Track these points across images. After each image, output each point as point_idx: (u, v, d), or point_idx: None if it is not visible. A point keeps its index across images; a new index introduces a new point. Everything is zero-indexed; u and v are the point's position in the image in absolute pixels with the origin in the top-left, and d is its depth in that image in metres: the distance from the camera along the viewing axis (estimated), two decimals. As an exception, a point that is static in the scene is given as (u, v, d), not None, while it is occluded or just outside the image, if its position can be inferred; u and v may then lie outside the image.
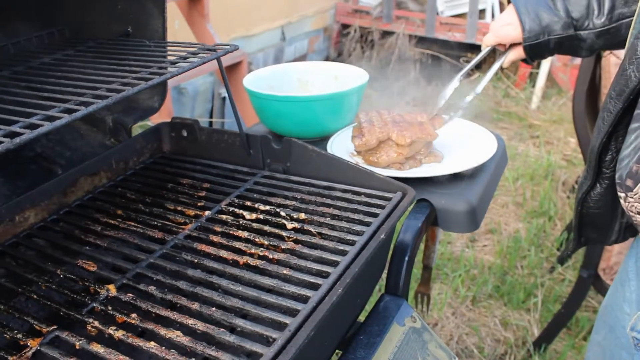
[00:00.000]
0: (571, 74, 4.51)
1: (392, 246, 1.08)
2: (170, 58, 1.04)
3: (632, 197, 0.89)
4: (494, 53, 1.45)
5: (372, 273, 0.99)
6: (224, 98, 4.22)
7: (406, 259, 1.06)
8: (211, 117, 4.25)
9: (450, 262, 2.69)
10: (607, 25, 1.16)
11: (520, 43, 1.26)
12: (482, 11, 5.10)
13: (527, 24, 1.22)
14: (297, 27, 5.28)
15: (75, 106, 0.82)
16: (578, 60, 4.28)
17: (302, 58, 5.45)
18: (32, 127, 0.76)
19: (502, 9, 5.17)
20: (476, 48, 5.13)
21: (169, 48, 1.10)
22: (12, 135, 0.73)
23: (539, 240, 2.85)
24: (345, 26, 5.62)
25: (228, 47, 1.01)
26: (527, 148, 3.82)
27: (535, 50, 1.25)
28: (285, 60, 5.20)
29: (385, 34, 5.34)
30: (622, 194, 0.92)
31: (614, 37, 1.17)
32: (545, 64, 4.74)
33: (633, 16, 1.01)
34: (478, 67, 5.29)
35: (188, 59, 1.00)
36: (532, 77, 4.79)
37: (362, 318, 1.02)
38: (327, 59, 5.74)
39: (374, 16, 5.35)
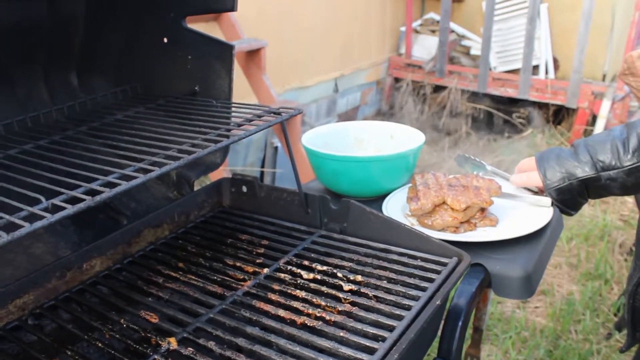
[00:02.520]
0: (628, 133, 4.43)
1: (445, 310, 1.08)
2: (236, 119, 1.09)
3: None
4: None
5: (426, 338, 0.99)
6: (276, 147, 4.30)
7: (459, 323, 1.05)
8: (263, 166, 4.33)
9: (501, 322, 2.63)
10: (637, 163, 1.18)
11: None
12: (536, 67, 5.10)
13: (547, 170, 1.28)
14: (350, 79, 5.38)
15: (148, 166, 0.87)
16: (635, 117, 4.21)
17: (355, 110, 5.54)
18: (110, 185, 0.81)
19: (556, 65, 5.17)
20: (529, 104, 5.13)
21: (234, 109, 1.15)
22: (93, 193, 0.78)
23: (595, 304, 2.77)
24: (397, 80, 5.70)
25: (292, 110, 1.06)
26: (582, 208, 3.74)
27: (563, 196, 1.28)
28: (337, 112, 5.29)
29: (438, 88, 5.39)
30: None
31: None
32: (601, 120, 4.68)
33: None
34: (531, 122, 5.23)
35: (253, 122, 1.05)
36: (587, 135, 4.72)
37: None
38: (379, 111, 5.82)
39: (427, 70, 5.41)
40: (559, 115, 5.11)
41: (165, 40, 1.32)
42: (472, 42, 5.50)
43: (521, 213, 1.30)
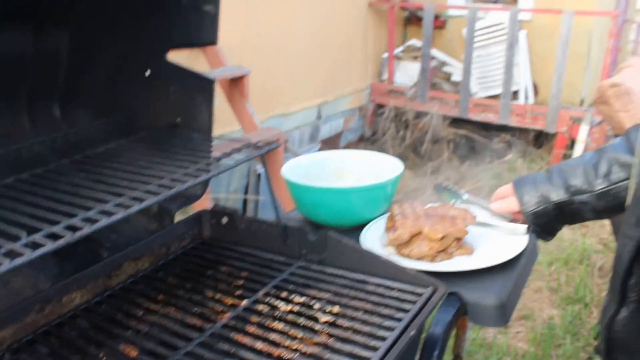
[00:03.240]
0: (606, 158, 4.51)
1: (422, 339, 1.10)
2: (216, 153, 1.12)
3: None
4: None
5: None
6: (259, 175, 4.32)
7: (436, 352, 1.07)
8: (246, 193, 4.34)
9: (483, 348, 2.65)
10: (607, 187, 1.22)
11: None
12: (516, 93, 5.19)
13: (523, 195, 1.32)
14: (333, 106, 5.44)
15: (129, 200, 0.89)
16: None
17: (338, 136, 5.59)
18: (91, 220, 0.82)
19: (535, 91, 5.26)
20: (509, 129, 5.20)
21: (215, 143, 1.18)
22: (73, 228, 0.80)
23: (575, 329, 2.80)
24: (380, 106, 5.77)
25: (273, 144, 1.08)
26: (561, 231, 3.78)
27: (539, 220, 1.32)
28: (320, 138, 5.33)
29: (420, 114, 5.46)
30: None
31: (615, 199, 1.22)
32: (580, 145, 4.77)
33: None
34: (511, 146, 5.28)
35: (232, 156, 1.07)
36: (566, 159, 4.80)
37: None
38: (361, 137, 5.87)
39: (409, 96, 5.48)
40: (539, 139, 5.20)
41: (148, 73, 1.34)
42: (453, 69, 5.59)
43: (496, 241, 1.33)
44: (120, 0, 1.30)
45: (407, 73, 5.67)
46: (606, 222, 3.78)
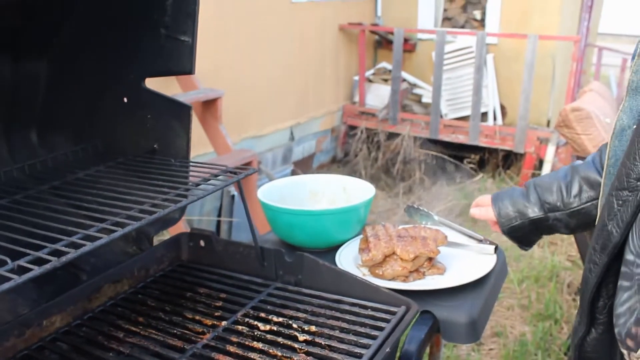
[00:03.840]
0: (572, 177, 4.64)
1: (397, 356, 1.13)
2: (194, 179, 1.14)
3: (636, 357, 0.89)
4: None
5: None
6: (232, 196, 4.34)
7: (411, 369, 1.11)
8: (220, 215, 4.35)
9: (456, 366, 2.69)
10: (578, 206, 1.28)
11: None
12: (484, 114, 5.31)
13: (501, 209, 1.36)
14: (306, 127, 5.50)
15: (111, 226, 0.91)
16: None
17: (310, 158, 5.64)
18: (75, 245, 0.85)
19: (503, 112, 5.39)
20: (479, 150, 5.31)
21: (192, 168, 1.21)
22: (57, 253, 0.82)
23: (546, 344, 2.86)
24: (352, 127, 5.85)
25: (249, 170, 1.12)
26: (532, 249, 3.87)
27: (516, 233, 1.37)
28: (293, 159, 5.37)
29: (391, 135, 5.55)
30: (624, 351, 0.92)
31: (586, 217, 1.28)
32: (547, 164, 4.89)
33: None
34: (482, 167, 5.39)
35: (210, 181, 1.10)
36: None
37: None
38: (334, 158, 5.93)
39: (380, 118, 5.57)
40: (508, 160, 5.32)
41: (126, 100, 1.37)
42: (423, 91, 5.70)
43: (467, 261, 1.38)
44: (98, 30, 1.33)
45: (378, 95, 5.76)
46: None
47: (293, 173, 4.98)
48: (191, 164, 1.23)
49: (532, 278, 3.47)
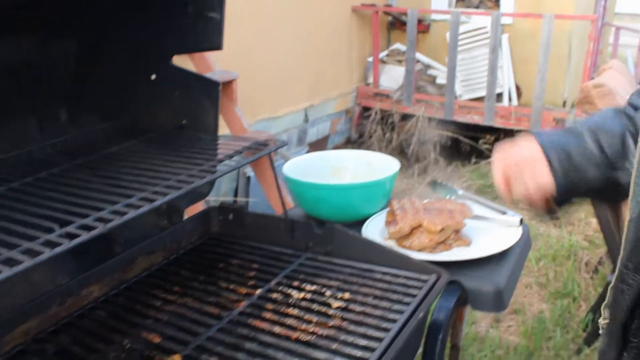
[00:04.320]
0: (589, 157, 4.62)
1: (426, 325, 1.16)
2: (225, 152, 1.16)
3: None
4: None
5: (411, 349, 1.06)
6: (248, 177, 4.37)
7: (440, 337, 1.13)
8: (236, 195, 4.38)
9: (475, 342, 2.72)
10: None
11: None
12: (499, 95, 5.29)
13: (557, 171, 0.97)
14: (320, 109, 5.50)
15: (151, 195, 0.93)
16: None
17: (324, 139, 5.65)
18: (104, 220, 0.86)
19: (518, 92, 5.37)
20: (494, 130, 5.30)
21: (224, 142, 1.23)
22: (104, 220, 0.84)
23: (564, 322, 2.88)
24: (366, 109, 5.84)
25: (279, 142, 1.14)
26: (548, 229, 3.88)
27: (563, 197, 1.00)
28: (308, 141, 5.39)
29: (405, 116, 5.54)
30: None
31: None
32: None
33: None
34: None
35: (242, 154, 1.12)
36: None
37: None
38: (348, 140, 5.93)
39: (394, 99, 5.56)
40: (523, 140, 5.29)
41: (154, 77, 1.39)
42: (438, 72, 5.68)
43: (492, 233, 1.40)
44: (127, 8, 1.35)
45: (392, 76, 5.74)
46: (592, 220, 3.89)
47: (308, 155, 4.99)
48: (222, 137, 1.25)
49: (550, 257, 3.48)
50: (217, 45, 1.32)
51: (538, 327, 2.80)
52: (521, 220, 1.42)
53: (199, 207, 3.29)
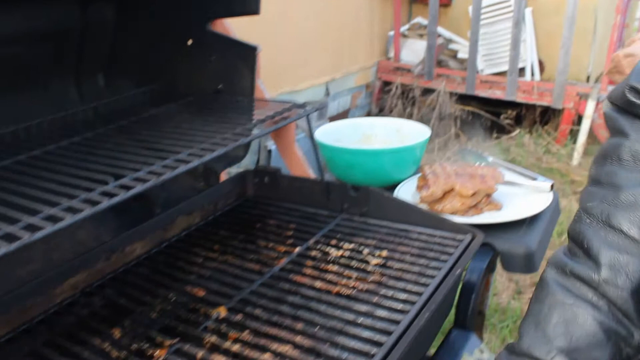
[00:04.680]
0: (612, 132, 4.59)
1: (459, 287, 1.18)
2: (260, 116, 1.18)
3: None
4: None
5: (447, 304, 1.09)
6: (269, 151, 4.40)
7: (473, 296, 1.16)
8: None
9: (497, 313, 2.75)
10: None
11: None
12: (522, 69, 5.24)
13: None
14: (341, 83, 5.49)
15: (187, 157, 0.95)
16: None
17: (345, 113, 5.65)
18: (156, 173, 0.89)
19: (541, 67, 5.32)
20: (516, 105, 5.27)
21: (261, 105, 1.25)
22: (141, 180, 0.86)
23: (584, 294, 2.89)
24: (387, 83, 5.82)
25: (317, 103, 1.15)
26: (570, 203, 3.88)
27: None
28: (329, 115, 5.39)
29: (426, 91, 5.51)
30: None
31: None
32: (586, 120, 4.83)
33: None
34: (518, 123, 5.34)
35: (282, 115, 1.15)
36: (573, 134, 4.87)
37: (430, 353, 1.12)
38: (369, 114, 5.93)
39: (415, 74, 5.53)
40: (545, 115, 5.26)
41: (190, 42, 1.41)
42: (459, 46, 5.63)
43: (523, 198, 1.41)
44: (164, -28, 1.36)
45: (413, 50, 5.71)
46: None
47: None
48: (259, 100, 1.28)
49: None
50: (254, 10, 1.33)
51: (559, 299, 2.81)
52: (552, 186, 1.43)
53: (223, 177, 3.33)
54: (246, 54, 1.35)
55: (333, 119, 5.40)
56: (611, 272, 0.69)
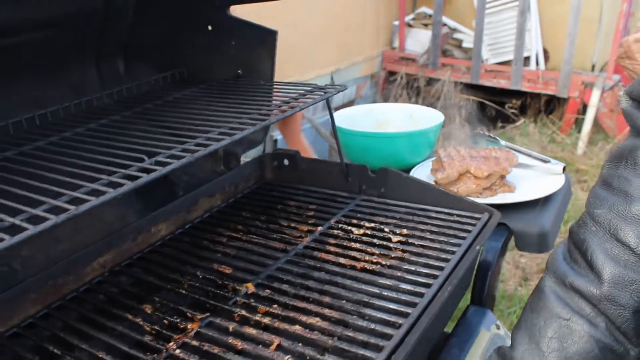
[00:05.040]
0: (617, 120, 4.61)
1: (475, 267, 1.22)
2: (281, 99, 1.19)
3: None
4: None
5: (466, 280, 1.13)
6: (275, 141, 4.42)
7: (489, 273, 1.19)
8: (265, 157, 4.43)
9: (504, 299, 2.78)
10: None
11: None
12: (527, 58, 5.25)
13: None
14: (346, 73, 5.51)
15: (205, 141, 0.97)
16: (623, 108, 4.34)
17: (350, 103, 5.67)
18: (176, 157, 0.91)
19: (546, 56, 5.33)
20: (520, 94, 5.28)
21: (282, 87, 1.27)
22: (162, 164, 0.88)
23: (591, 280, 2.92)
24: (391, 73, 5.83)
25: (339, 87, 1.18)
26: (576, 192, 3.91)
27: None
28: (334, 105, 5.42)
29: (431, 80, 5.53)
30: None
31: None
32: (592, 109, 4.85)
33: None
34: (523, 112, 5.35)
35: (301, 99, 1.17)
36: (578, 123, 4.89)
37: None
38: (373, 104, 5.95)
39: (420, 63, 5.55)
40: (550, 105, 5.28)
41: (210, 27, 1.44)
42: (464, 35, 5.64)
43: (536, 180, 1.44)
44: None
45: (418, 40, 5.72)
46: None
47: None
48: (279, 83, 1.30)
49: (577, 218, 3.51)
50: (273, -4, 1.35)
51: (566, 284, 2.85)
52: (564, 168, 1.46)
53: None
54: (266, 38, 1.37)
55: (338, 109, 5.42)
56: (614, 289, 0.67)
